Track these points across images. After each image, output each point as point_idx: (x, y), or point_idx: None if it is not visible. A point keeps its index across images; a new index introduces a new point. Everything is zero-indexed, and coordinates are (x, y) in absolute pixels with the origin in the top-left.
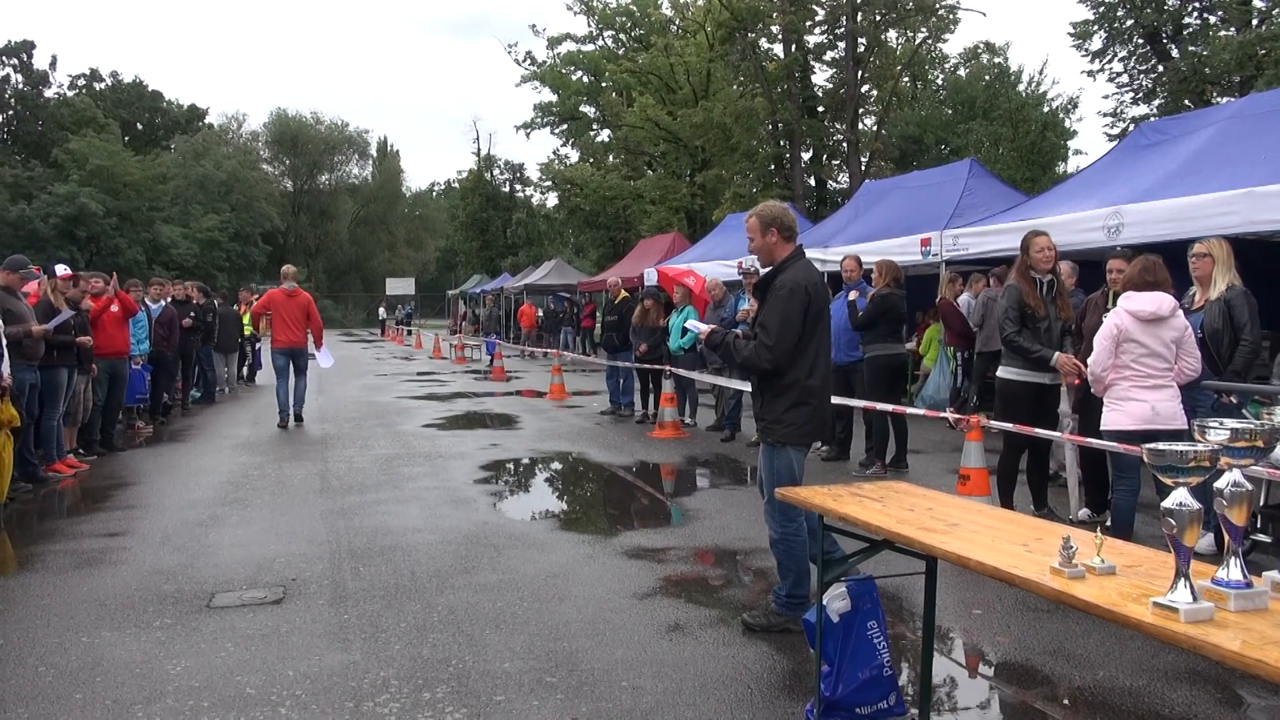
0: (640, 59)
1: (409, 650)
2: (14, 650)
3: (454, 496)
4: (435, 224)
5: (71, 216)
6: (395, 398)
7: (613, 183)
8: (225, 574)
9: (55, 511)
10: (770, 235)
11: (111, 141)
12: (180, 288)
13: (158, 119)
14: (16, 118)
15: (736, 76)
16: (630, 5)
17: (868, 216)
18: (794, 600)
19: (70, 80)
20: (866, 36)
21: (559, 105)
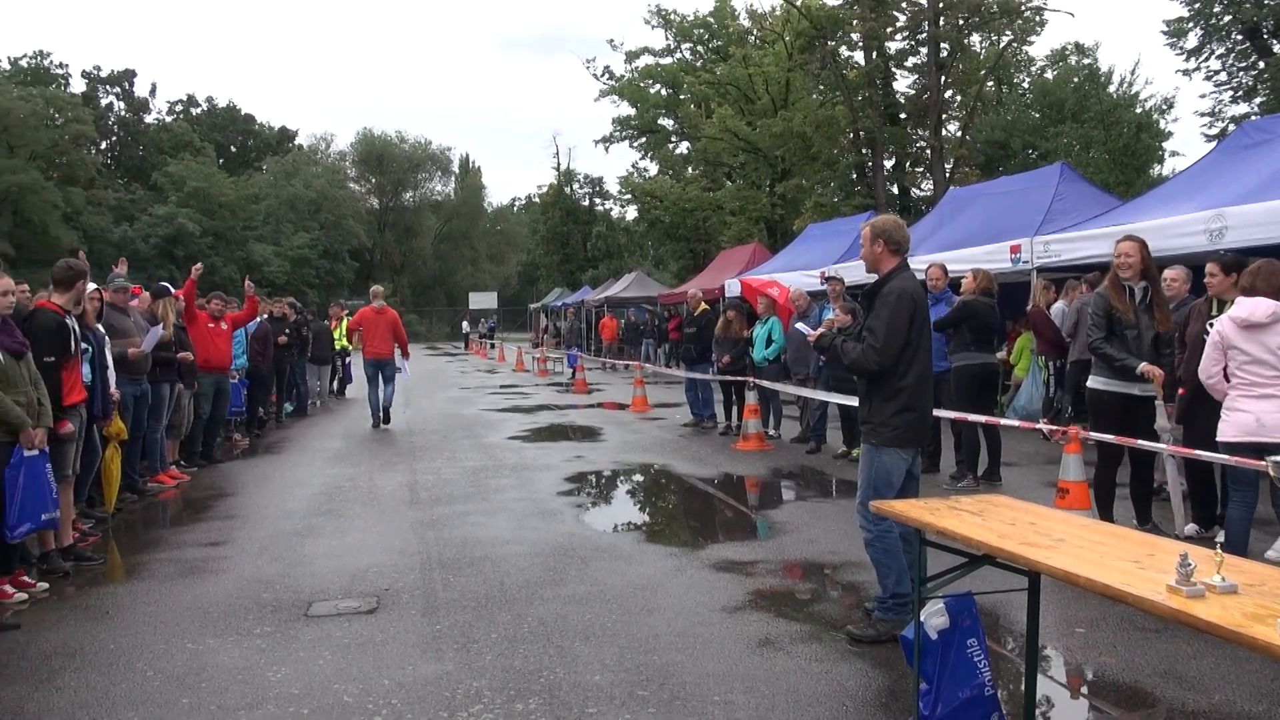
0: (718, 70)
1: (500, 661)
2: (124, 655)
3: (540, 508)
4: (516, 238)
5: (170, 237)
6: (480, 410)
7: (692, 194)
8: (321, 583)
9: (159, 521)
10: (877, 246)
11: (207, 164)
12: (276, 304)
13: (250, 141)
14: (119, 143)
15: (816, 85)
16: (708, 17)
17: (953, 224)
18: (899, 601)
19: (169, 106)
20: (949, 41)
21: (637, 118)
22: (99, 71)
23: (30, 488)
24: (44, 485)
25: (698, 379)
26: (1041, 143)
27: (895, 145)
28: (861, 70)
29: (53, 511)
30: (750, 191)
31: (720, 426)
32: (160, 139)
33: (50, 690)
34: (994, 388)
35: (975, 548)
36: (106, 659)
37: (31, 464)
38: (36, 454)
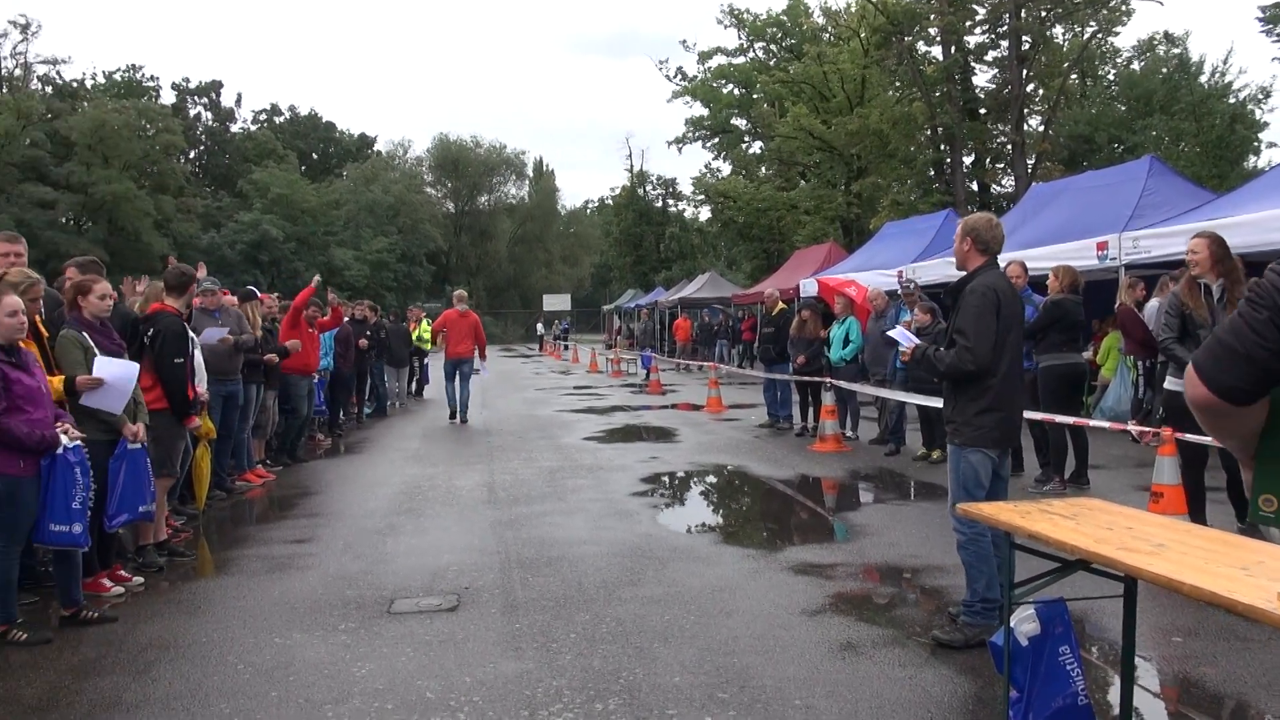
0: (792, 69)
1: (580, 661)
2: (215, 648)
3: (616, 508)
4: (590, 240)
5: (255, 242)
6: (555, 411)
7: (766, 194)
8: (403, 581)
9: (247, 519)
10: (965, 243)
11: (290, 171)
12: (358, 307)
13: (331, 148)
14: (207, 152)
15: (893, 81)
16: (781, 15)
17: (1037, 220)
18: (988, 606)
19: (253, 115)
20: (1031, 33)
21: (710, 119)
22: (188, 83)
23: (130, 480)
24: (143, 478)
25: (776, 379)
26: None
27: (975, 141)
28: (940, 65)
29: (149, 504)
30: (825, 190)
31: (796, 428)
32: (245, 147)
33: (146, 681)
34: (1081, 388)
35: (1068, 552)
36: (199, 652)
37: (133, 457)
38: (139, 447)
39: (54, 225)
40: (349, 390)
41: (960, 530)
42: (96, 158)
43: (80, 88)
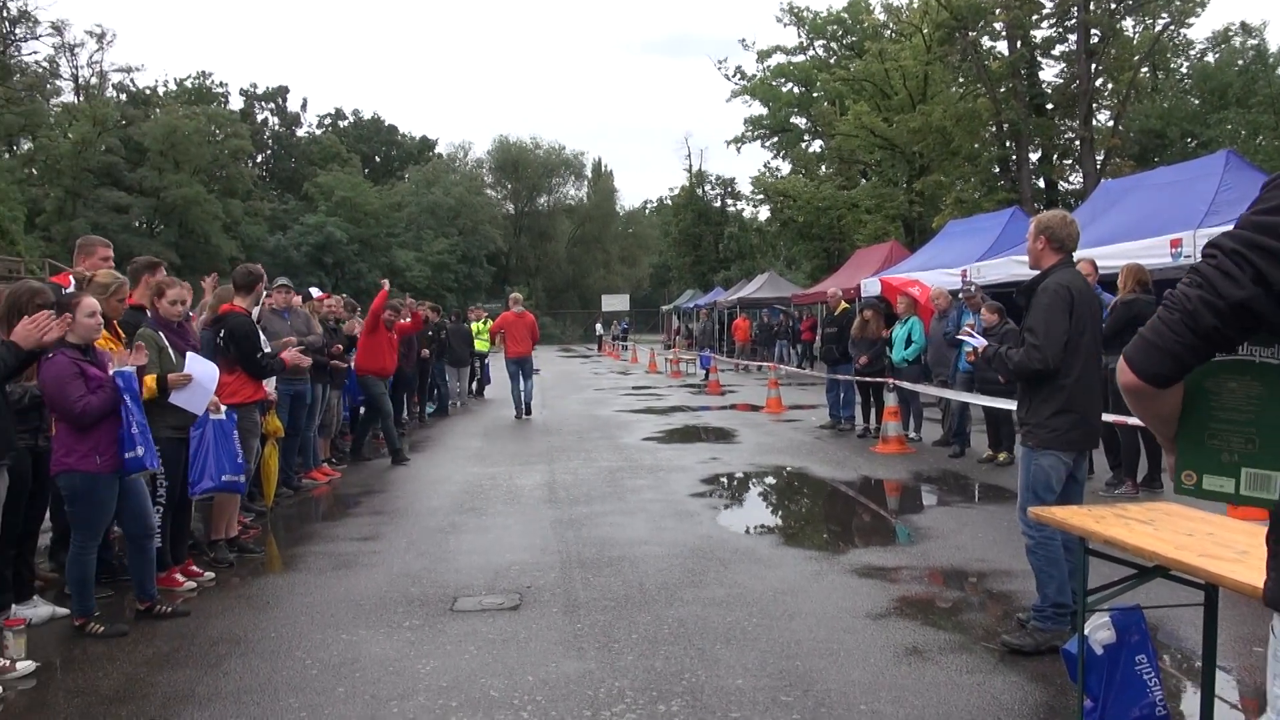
0: (853, 66)
1: (642, 662)
2: (284, 643)
3: (677, 509)
4: (648, 241)
5: (320, 244)
6: (615, 411)
7: (826, 193)
8: (465, 579)
9: (313, 516)
10: (1039, 242)
11: (353, 174)
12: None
13: (393, 151)
14: (273, 156)
15: (956, 78)
16: (841, 13)
17: (1106, 218)
18: (1059, 611)
19: (318, 120)
20: (1100, 26)
21: (769, 118)
22: (255, 89)
23: (213, 447)
24: (227, 448)
25: (839, 379)
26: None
27: (1041, 137)
28: (1005, 60)
29: (233, 475)
30: (886, 189)
31: (858, 429)
32: (310, 151)
33: (218, 675)
34: None
35: (1146, 558)
36: (268, 647)
37: (217, 426)
38: (222, 417)
39: (128, 229)
40: (410, 390)
41: (1029, 534)
42: (168, 163)
43: (153, 95)
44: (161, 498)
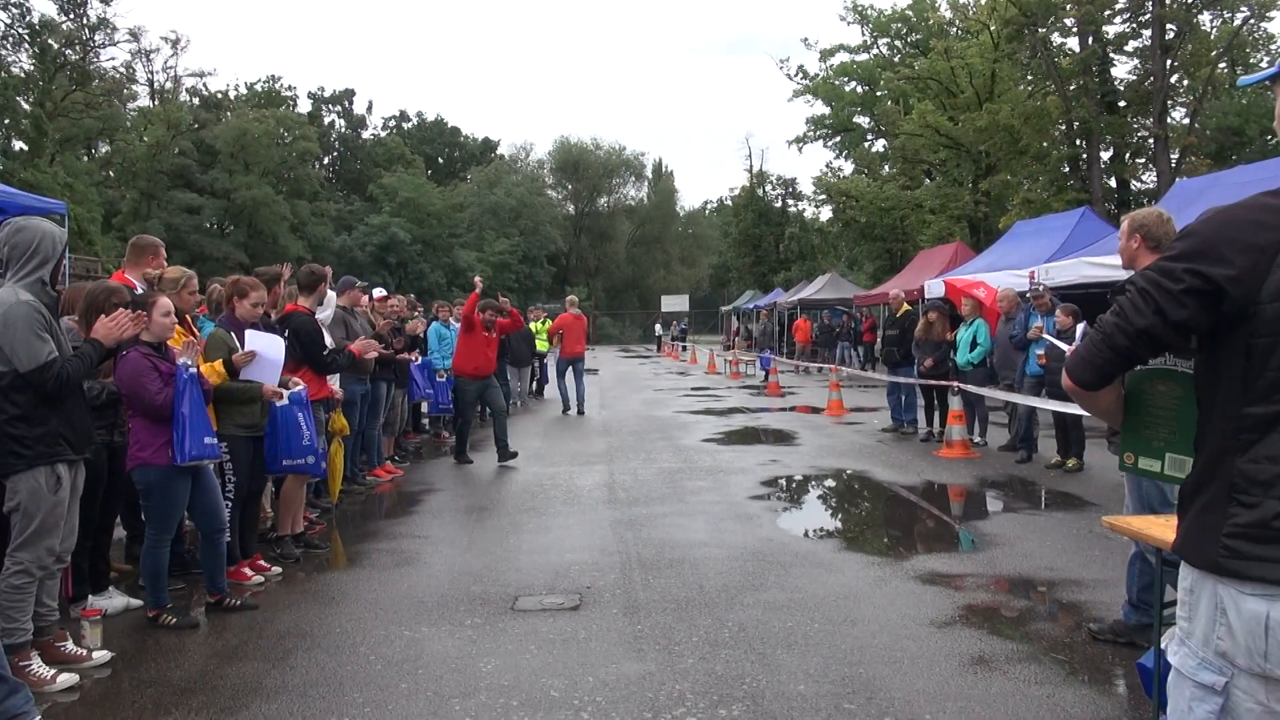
0: (917, 64)
1: (702, 665)
2: (348, 639)
3: (737, 511)
4: (708, 241)
5: (384, 245)
6: (674, 412)
7: (889, 193)
8: (526, 579)
9: (376, 513)
10: (1134, 241)
11: (417, 175)
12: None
13: (456, 152)
14: (340, 158)
15: (1025, 75)
16: (906, 10)
17: (1182, 218)
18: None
19: (383, 122)
20: (1177, 21)
21: (832, 117)
22: (323, 92)
23: (285, 430)
24: (299, 431)
25: (901, 382)
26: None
27: (1113, 135)
28: (1076, 57)
29: (304, 458)
30: (951, 189)
31: (922, 433)
32: (375, 153)
33: (285, 669)
34: None
35: None
36: (334, 642)
37: (284, 411)
38: (286, 403)
39: (199, 229)
40: None
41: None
42: (238, 165)
43: (224, 99)
44: (230, 493)
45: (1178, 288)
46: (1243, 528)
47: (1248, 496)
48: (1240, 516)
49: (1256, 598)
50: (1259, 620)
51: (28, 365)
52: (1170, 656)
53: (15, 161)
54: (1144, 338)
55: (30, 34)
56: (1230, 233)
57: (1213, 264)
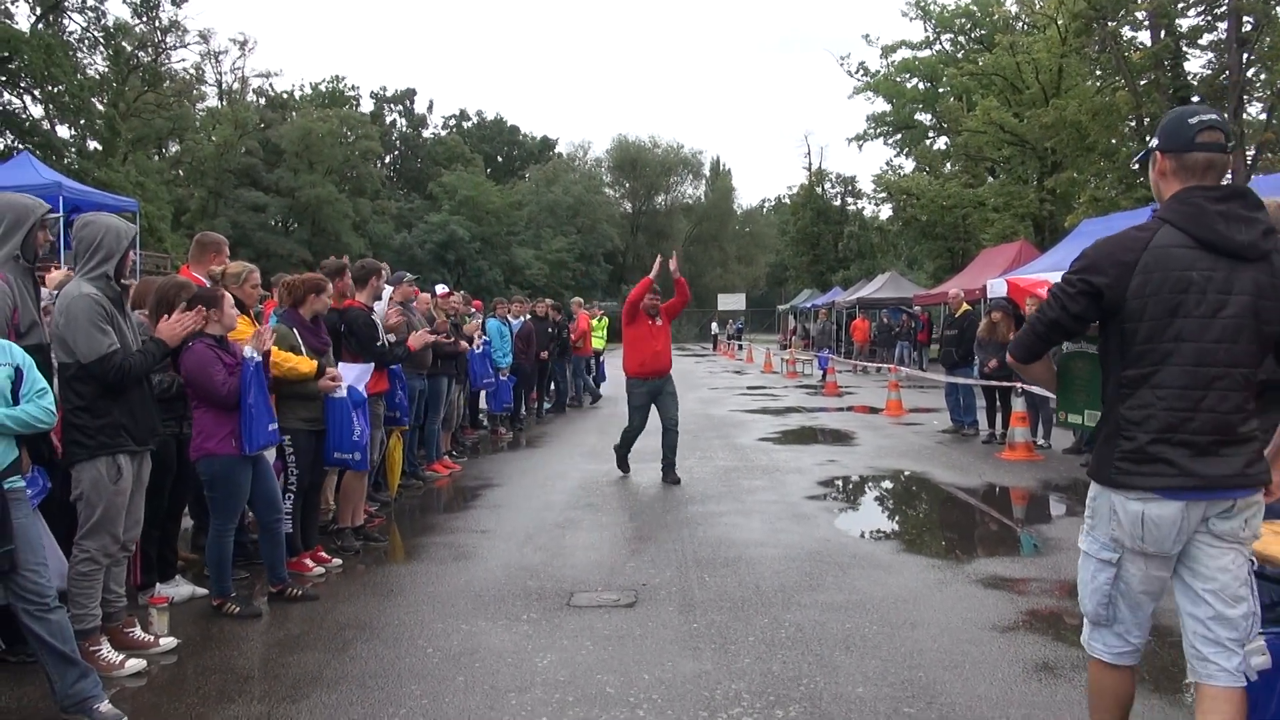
0: (982, 60)
1: (759, 665)
2: (407, 631)
3: (794, 511)
4: (765, 240)
5: (443, 242)
6: (730, 411)
7: (951, 191)
8: (582, 575)
9: (434, 508)
10: None
11: (476, 174)
12: (540, 305)
13: (515, 151)
14: (401, 157)
15: (1093, 70)
16: (970, 5)
17: None
18: None
19: (443, 121)
20: (1254, 14)
21: (893, 114)
22: (385, 91)
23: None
24: (350, 425)
25: (959, 383)
26: None
27: None
28: (1147, 51)
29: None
30: (1015, 186)
31: (983, 435)
32: (436, 151)
33: (345, 659)
34: None
35: None
36: (392, 634)
37: (338, 405)
38: (343, 397)
39: (264, 227)
40: (530, 386)
41: None
42: (303, 164)
43: (289, 99)
44: (293, 485)
45: (1074, 291)
46: (1126, 454)
47: (1128, 433)
48: (1124, 446)
49: (1135, 501)
50: (1137, 516)
51: (88, 357)
52: (1080, 544)
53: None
54: (1055, 325)
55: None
56: (1106, 254)
57: (1095, 275)
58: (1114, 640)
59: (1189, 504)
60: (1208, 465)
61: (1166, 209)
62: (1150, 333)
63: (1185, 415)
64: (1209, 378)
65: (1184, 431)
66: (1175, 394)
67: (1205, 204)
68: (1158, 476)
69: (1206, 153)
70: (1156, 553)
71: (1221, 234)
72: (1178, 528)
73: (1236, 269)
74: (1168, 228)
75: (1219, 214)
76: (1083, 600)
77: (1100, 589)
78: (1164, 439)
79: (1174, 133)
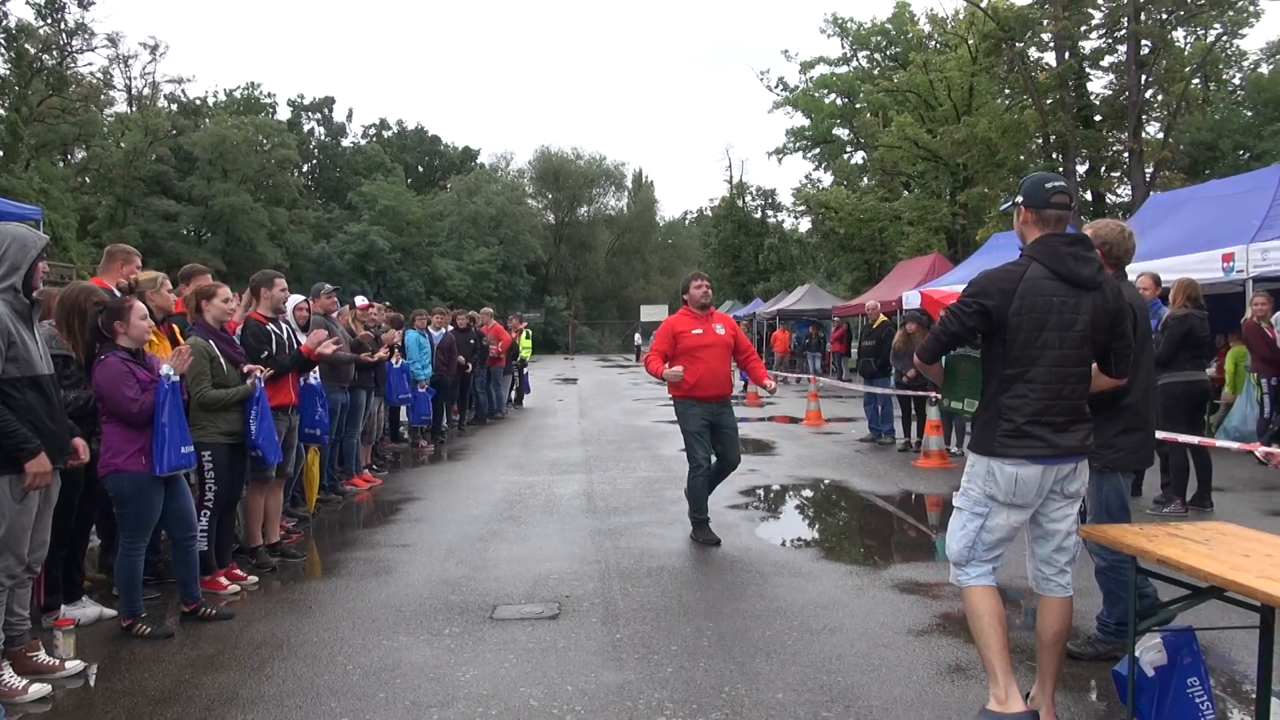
0: (896, 77)
1: (681, 674)
2: (326, 648)
3: (716, 521)
4: (688, 251)
5: (363, 253)
6: (653, 422)
7: (868, 205)
8: (505, 587)
9: (354, 522)
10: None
11: (397, 184)
12: (461, 315)
13: (436, 161)
14: (319, 165)
15: (1002, 89)
16: (886, 24)
17: (1156, 232)
18: (1124, 629)
19: (363, 130)
20: (1151, 37)
21: (811, 129)
22: (302, 99)
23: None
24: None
25: (877, 393)
26: (1255, 143)
27: (1089, 149)
28: (1053, 71)
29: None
30: (929, 201)
31: (899, 443)
32: (355, 160)
33: (261, 678)
34: (1203, 407)
35: (1201, 579)
36: (310, 651)
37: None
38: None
39: (176, 236)
40: (451, 398)
41: (1101, 555)
42: (216, 172)
43: (203, 105)
44: (209, 501)
45: (970, 310)
46: (1006, 433)
47: (1008, 416)
48: (1004, 427)
49: (1011, 466)
50: (1012, 477)
51: None
52: (955, 503)
53: None
54: (955, 336)
55: (6, 38)
56: (993, 283)
57: (985, 299)
58: (973, 569)
59: (1047, 467)
60: (1063, 438)
61: (1033, 249)
62: (1025, 342)
63: (1050, 403)
64: (1065, 375)
65: (1049, 415)
66: (1043, 387)
67: (1060, 247)
68: (1030, 448)
69: (1057, 210)
70: (1022, 504)
71: (1072, 270)
72: (1040, 485)
73: (1082, 296)
74: (1035, 264)
75: (1069, 255)
76: (950, 546)
77: (968, 535)
78: (1035, 420)
79: (1034, 193)
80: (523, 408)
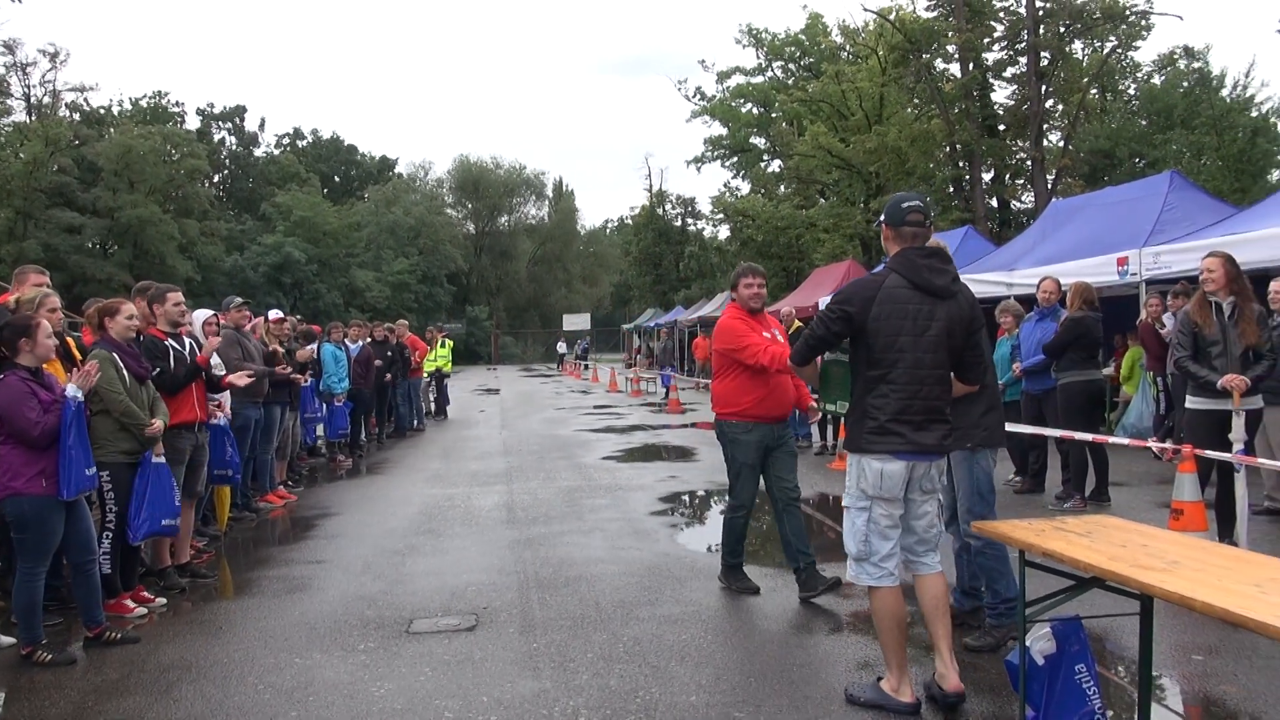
0: (810, 87)
1: (596, 680)
2: (236, 668)
3: (635, 528)
4: (609, 260)
5: (278, 265)
6: (575, 430)
7: (785, 212)
8: (422, 601)
9: (268, 540)
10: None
11: (312, 194)
12: (378, 328)
13: (353, 171)
14: (231, 176)
15: (911, 99)
16: (799, 35)
17: (1057, 236)
18: (1010, 607)
19: (276, 139)
20: (1050, 49)
21: (729, 138)
22: (212, 108)
23: (155, 494)
24: (167, 493)
25: None
26: (1149, 151)
27: (994, 157)
28: (958, 82)
29: (173, 520)
30: (844, 208)
31: (815, 446)
32: (269, 171)
33: (168, 702)
34: (1102, 405)
35: (1082, 570)
36: (220, 672)
37: (157, 471)
38: (161, 462)
39: (80, 250)
40: (369, 411)
41: (974, 537)
42: (122, 183)
43: (107, 114)
44: (111, 523)
45: (835, 316)
46: (871, 430)
47: (873, 415)
48: (869, 425)
49: (876, 461)
50: (878, 472)
51: None
52: (844, 502)
53: None
54: (821, 340)
55: None
56: (856, 291)
57: (848, 306)
58: (872, 569)
59: (908, 463)
60: (922, 436)
61: (893, 261)
62: (884, 345)
63: (908, 402)
64: (922, 377)
65: (909, 413)
66: (901, 388)
67: (916, 259)
68: (891, 444)
69: (912, 226)
70: (890, 498)
71: (927, 280)
72: (904, 479)
73: (937, 304)
74: (894, 274)
75: (925, 266)
76: (847, 543)
77: (859, 530)
78: (896, 418)
79: (893, 213)
80: (445, 419)
